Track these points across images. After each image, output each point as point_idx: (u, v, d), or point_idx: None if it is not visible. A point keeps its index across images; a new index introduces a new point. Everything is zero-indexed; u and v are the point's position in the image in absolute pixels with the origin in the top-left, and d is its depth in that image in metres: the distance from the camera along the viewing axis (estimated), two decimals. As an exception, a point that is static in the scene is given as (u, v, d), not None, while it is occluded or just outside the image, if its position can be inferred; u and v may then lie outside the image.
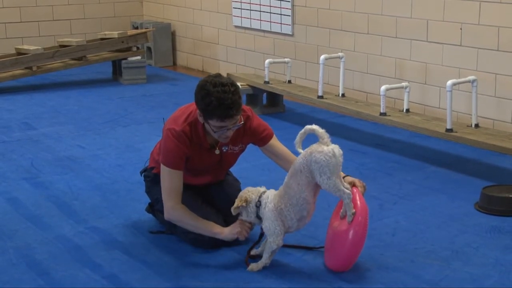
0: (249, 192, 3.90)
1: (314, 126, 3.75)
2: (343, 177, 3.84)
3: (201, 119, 3.93)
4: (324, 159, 3.65)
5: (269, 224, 3.82)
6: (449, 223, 4.50)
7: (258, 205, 3.86)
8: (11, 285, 3.75)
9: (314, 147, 3.73)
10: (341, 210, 3.85)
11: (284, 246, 4.04)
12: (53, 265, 3.97)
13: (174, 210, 4.01)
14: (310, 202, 3.80)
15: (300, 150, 3.77)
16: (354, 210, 3.71)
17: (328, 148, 3.69)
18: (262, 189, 3.93)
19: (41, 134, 6.67)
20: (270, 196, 3.86)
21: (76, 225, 4.53)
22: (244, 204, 3.86)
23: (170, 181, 3.99)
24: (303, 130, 3.75)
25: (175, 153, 3.97)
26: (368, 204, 4.63)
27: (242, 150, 4.23)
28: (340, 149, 3.74)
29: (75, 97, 8.21)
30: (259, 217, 3.88)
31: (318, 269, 3.87)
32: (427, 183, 5.24)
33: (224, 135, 3.91)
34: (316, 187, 3.79)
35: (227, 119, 3.83)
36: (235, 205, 3.88)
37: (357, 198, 3.76)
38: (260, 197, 3.87)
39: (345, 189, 3.71)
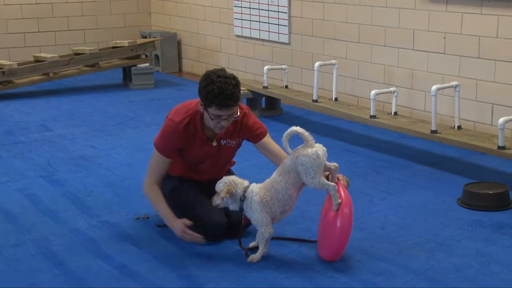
0: (234, 184, 3.83)
1: (299, 129, 3.73)
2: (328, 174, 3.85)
3: (201, 108, 3.96)
4: (309, 161, 3.68)
5: (257, 216, 3.81)
6: (434, 217, 4.49)
7: (243, 199, 3.84)
8: (30, 274, 3.75)
9: (300, 150, 3.73)
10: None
11: (281, 238, 4.04)
12: (68, 256, 3.97)
13: (145, 186, 4.14)
14: (294, 198, 3.83)
15: (288, 149, 3.77)
16: (339, 200, 3.71)
17: (312, 150, 3.70)
18: (246, 182, 3.88)
19: (57, 135, 6.67)
20: (254, 189, 3.83)
21: (89, 219, 4.53)
22: (227, 195, 3.81)
23: (156, 163, 4.12)
24: (288, 131, 3.73)
25: (168, 142, 4.06)
26: (359, 200, 4.67)
27: (239, 145, 4.24)
28: (324, 149, 3.75)
29: (89, 101, 8.20)
30: (241, 209, 3.85)
31: (313, 259, 3.87)
32: (413, 180, 5.23)
33: (219, 125, 3.93)
34: (301, 185, 3.82)
35: (224, 109, 3.85)
36: (222, 195, 3.81)
37: (341, 190, 3.76)
38: (245, 191, 3.84)
39: (329, 182, 3.72)
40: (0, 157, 5.96)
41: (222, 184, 3.85)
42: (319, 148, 3.72)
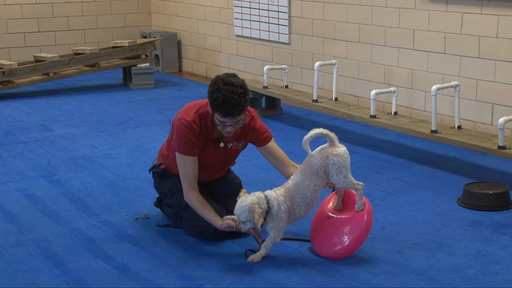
0: (258, 204, 3.72)
1: (324, 131, 3.74)
2: None
3: (210, 110, 3.94)
4: (341, 160, 3.74)
5: (281, 224, 3.81)
6: (434, 217, 4.49)
7: (268, 210, 3.78)
8: (30, 274, 3.76)
9: (329, 150, 3.76)
10: (336, 203, 3.90)
11: (281, 238, 4.04)
12: (68, 256, 3.97)
13: (187, 195, 4.00)
14: (318, 198, 3.88)
15: (309, 151, 3.76)
16: (364, 201, 3.80)
17: (342, 150, 3.77)
18: (261, 194, 3.80)
19: (57, 135, 6.67)
20: (279, 198, 3.79)
21: (89, 219, 4.53)
22: (261, 220, 3.71)
23: (185, 166, 3.99)
24: (310, 134, 3.72)
25: (188, 140, 3.97)
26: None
27: (244, 147, 4.24)
28: None
29: (89, 101, 8.20)
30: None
31: (313, 259, 3.87)
32: (413, 181, 5.23)
33: (225, 130, 3.92)
34: (324, 185, 3.87)
35: (228, 117, 3.83)
36: (259, 223, 3.69)
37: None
38: (267, 203, 3.78)
39: (358, 182, 3.78)
40: (0, 157, 5.97)
41: (247, 213, 3.69)
42: (345, 148, 3.80)
